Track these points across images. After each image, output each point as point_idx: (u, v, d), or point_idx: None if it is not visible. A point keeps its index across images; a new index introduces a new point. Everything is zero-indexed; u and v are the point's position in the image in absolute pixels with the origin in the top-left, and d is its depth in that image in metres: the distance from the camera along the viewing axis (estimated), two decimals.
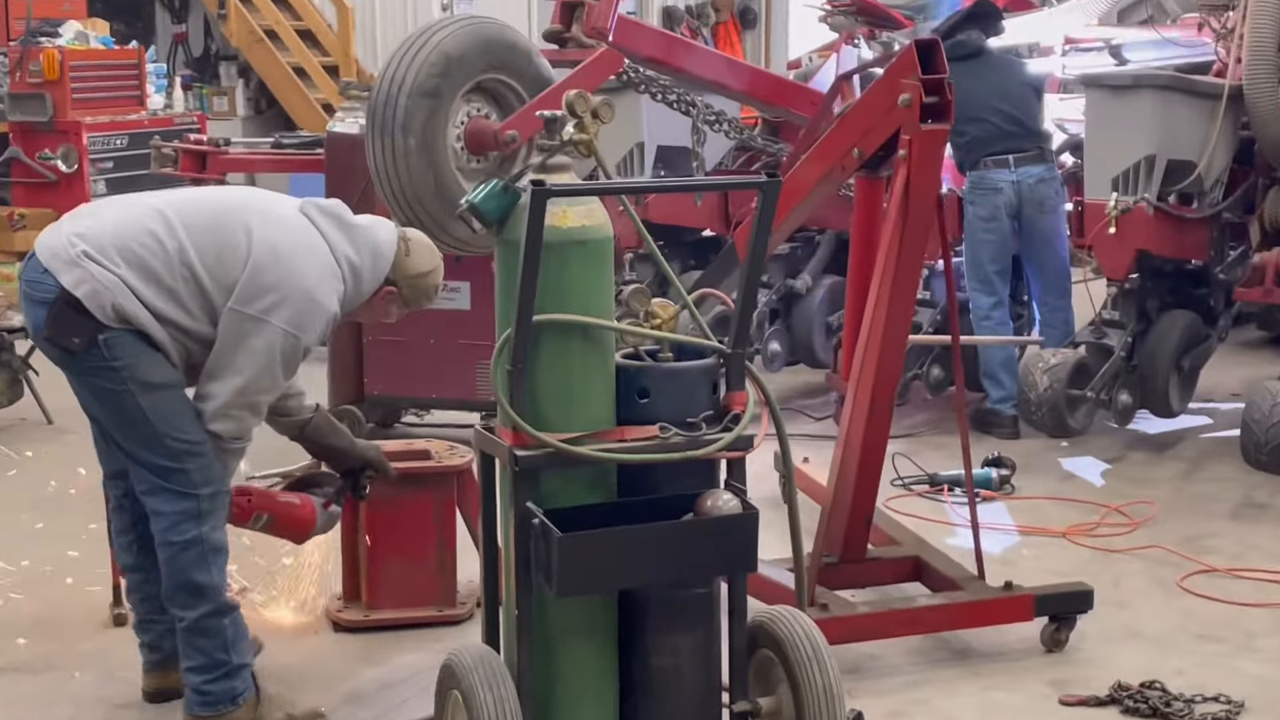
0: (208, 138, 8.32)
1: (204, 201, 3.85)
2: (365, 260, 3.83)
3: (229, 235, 3.70)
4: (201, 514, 3.72)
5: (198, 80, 12.79)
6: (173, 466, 3.69)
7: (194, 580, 3.75)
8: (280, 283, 3.67)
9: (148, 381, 3.67)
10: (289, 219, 3.79)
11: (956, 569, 4.60)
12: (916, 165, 4.15)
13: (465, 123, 5.62)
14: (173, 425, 3.68)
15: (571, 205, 3.30)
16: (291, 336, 3.69)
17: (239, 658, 3.84)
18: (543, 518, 3.23)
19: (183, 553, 3.73)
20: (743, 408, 3.41)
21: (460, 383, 6.40)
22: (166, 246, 3.67)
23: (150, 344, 3.67)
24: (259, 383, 3.70)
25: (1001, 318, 6.89)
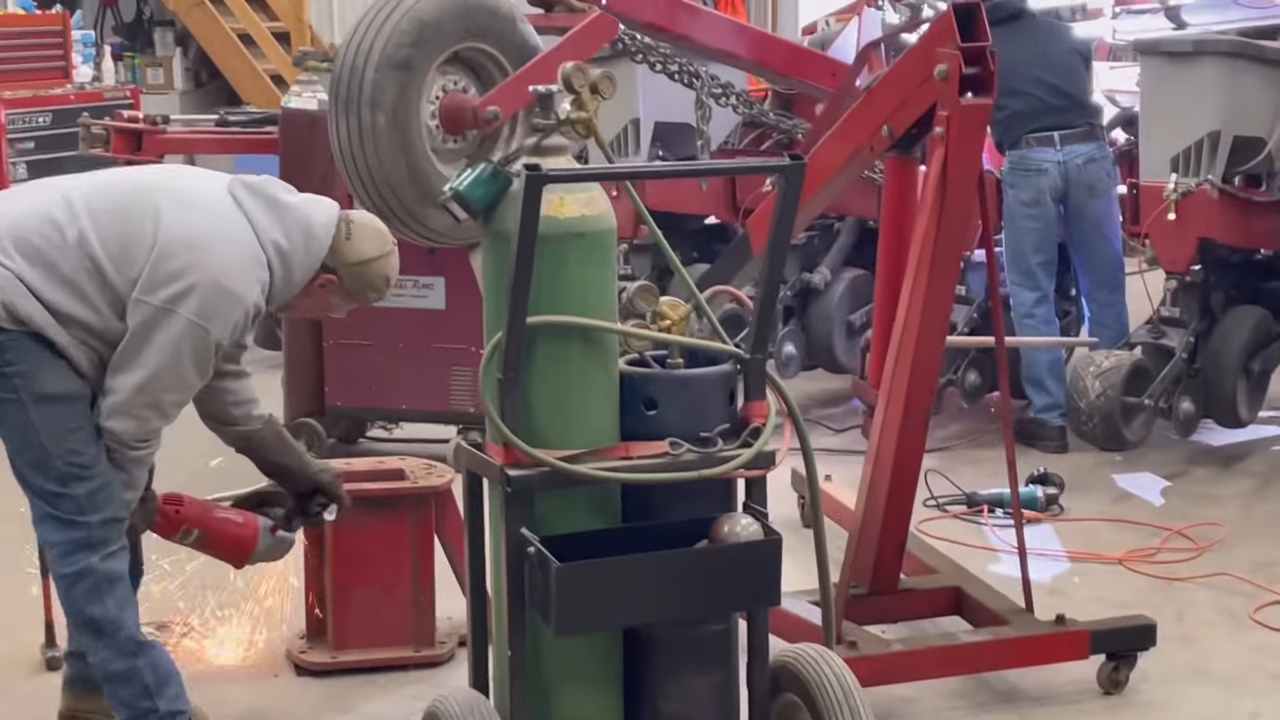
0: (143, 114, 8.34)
1: (115, 184, 3.87)
2: (296, 244, 3.83)
3: (135, 220, 3.72)
4: (92, 543, 3.73)
5: (129, 49, 12.79)
6: (59, 491, 3.71)
7: (89, 614, 3.76)
8: (187, 270, 3.67)
9: (41, 393, 3.70)
10: (208, 201, 3.80)
11: (1001, 601, 4.62)
12: (955, 144, 4.17)
13: (440, 98, 5.64)
14: (63, 445, 3.70)
15: (570, 193, 3.32)
16: (199, 328, 3.69)
17: (168, 704, 3.82)
18: (538, 546, 3.24)
19: (74, 585, 3.75)
20: (763, 420, 3.44)
21: (433, 392, 6.43)
22: (66, 235, 3.70)
23: (51, 350, 3.69)
24: (163, 379, 3.70)
25: (1046, 315, 6.92)
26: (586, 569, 3.23)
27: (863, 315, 7.43)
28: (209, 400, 4.03)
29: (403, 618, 4.63)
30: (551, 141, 3.41)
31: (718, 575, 3.34)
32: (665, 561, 3.31)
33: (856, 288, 7.51)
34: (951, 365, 7.01)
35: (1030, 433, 6.82)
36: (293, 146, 6.77)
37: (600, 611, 3.29)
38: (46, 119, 10.15)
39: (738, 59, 6.99)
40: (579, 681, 3.41)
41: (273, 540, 4.18)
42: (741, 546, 3.34)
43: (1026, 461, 6.29)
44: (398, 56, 5.37)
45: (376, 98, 5.38)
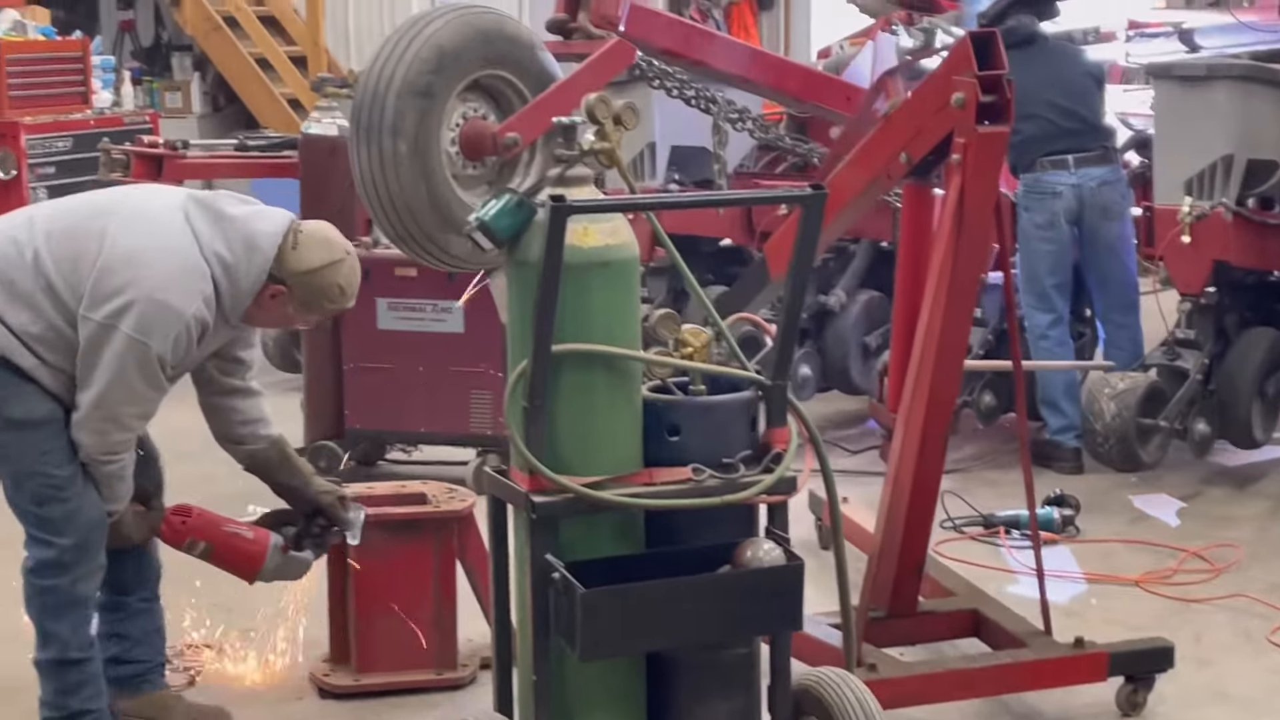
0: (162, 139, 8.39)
1: (75, 206, 4.04)
2: (239, 255, 3.91)
3: (84, 240, 3.85)
4: (64, 565, 3.93)
5: (148, 74, 12.88)
6: (36, 512, 3.90)
7: (44, 627, 3.99)
8: (126, 286, 3.78)
9: (10, 418, 3.86)
10: (154, 217, 3.90)
11: (1019, 623, 4.63)
12: (973, 171, 4.20)
13: (460, 124, 5.66)
14: (34, 468, 3.88)
15: (594, 222, 3.35)
16: (139, 343, 3.78)
17: (83, 704, 4.03)
18: (563, 571, 3.27)
19: (38, 596, 3.97)
20: (785, 445, 3.46)
21: (452, 415, 6.46)
22: (24, 255, 3.85)
23: (18, 374, 3.85)
24: (113, 393, 3.82)
25: (1061, 337, 6.94)
26: (611, 594, 3.25)
27: (878, 337, 7.46)
28: (217, 419, 4.17)
29: (425, 641, 4.64)
30: (575, 172, 3.44)
31: (740, 600, 3.36)
32: (689, 587, 3.33)
33: (871, 310, 7.54)
34: (967, 387, 7.03)
35: (1046, 454, 6.83)
36: (313, 172, 6.83)
37: (624, 636, 3.30)
38: (67, 144, 10.19)
39: (753, 84, 7.02)
40: (603, 706, 3.43)
41: (282, 559, 4.25)
42: (764, 572, 3.36)
43: (1042, 483, 6.28)
44: (419, 84, 5.38)
45: (398, 124, 5.39)
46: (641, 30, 6.40)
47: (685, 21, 7.85)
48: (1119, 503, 6.45)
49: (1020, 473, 4.65)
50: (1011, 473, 6.74)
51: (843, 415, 7.69)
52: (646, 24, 6.48)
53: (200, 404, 4.22)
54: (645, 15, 6.53)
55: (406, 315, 6.44)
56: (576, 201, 3.25)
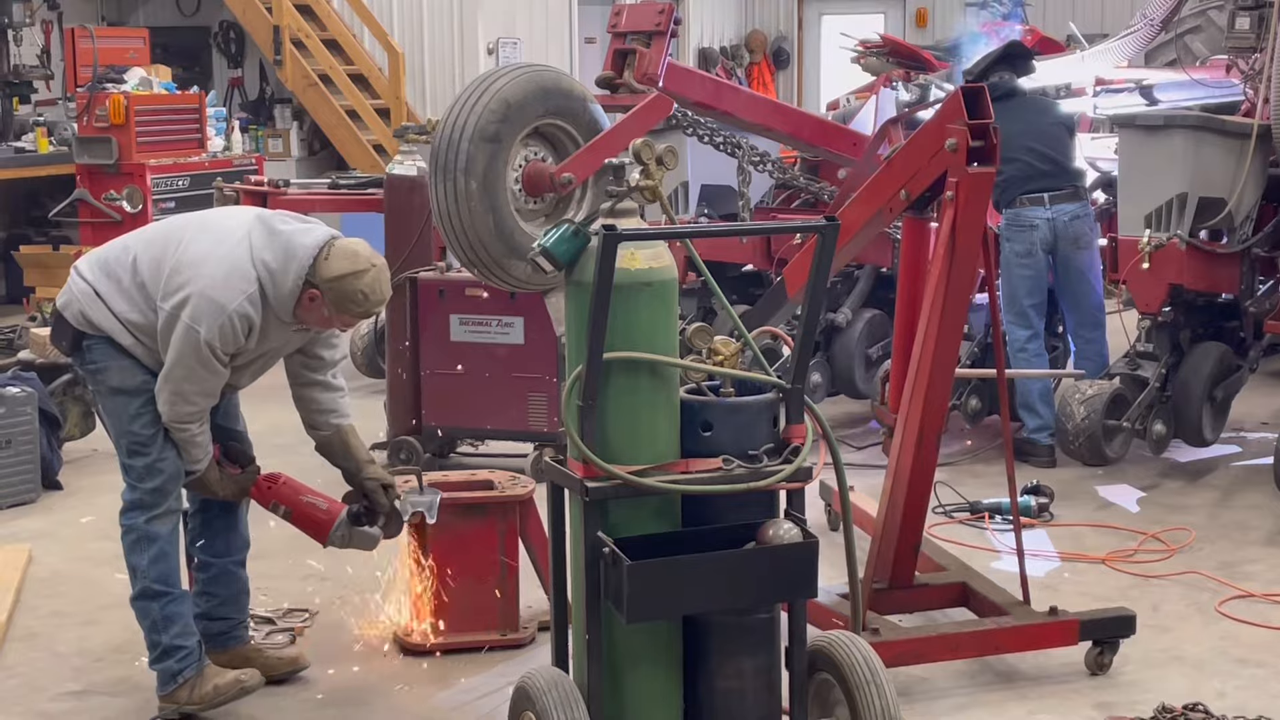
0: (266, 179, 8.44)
1: (173, 220, 4.30)
2: (280, 262, 4.04)
3: (168, 246, 4.08)
4: (143, 505, 4.11)
5: (254, 123, 12.97)
6: (127, 462, 4.12)
7: (130, 560, 4.14)
8: (187, 283, 3.98)
9: (110, 386, 4.10)
10: (220, 230, 4.10)
11: (1002, 594, 4.63)
12: (963, 207, 4.21)
13: (523, 165, 5.69)
14: (126, 427, 4.08)
15: (640, 249, 3.37)
16: (192, 330, 3.96)
17: (173, 639, 4.13)
18: (612, 546, 3.29)
19: (125, 535, 4.15)
20: (802, 440, 3.47)
21: (514, 414, 6.48)
22: (127, 257, 4.11)
23: (120, 350, 4.07)
24: (176, 370, 4.00)
25: (1037, 349, 6.92)
26: (653, 566, 3.27)
27: (879, 349, 7.45)
28: (301, 407, 4.33)
29: (492, 606, 4.67)
30: (623, 205, 3.47)
31: (763, 572, 3.38)
32: (719, 560, 3.36)
33: (874, 326, 7.53)
34: (956, 392, 7.02)
35: (1024, 450, 6.81)
36: (396, 207, 6.85)
37: (664, 602, 3.33)
38: (185, 182, 10.29)
39: (773, 131, 7.03)
40: (646, 662, 3.44)
41: (349, 530, 4.33)
42: (784, 548, 3.37)
43: (1021, 475, 6.24)
44: (488, 131, 5.42)
45: (470, 166, 5.43)
46: (678, 86, 6.42)
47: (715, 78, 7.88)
48: (1087, 492, 6.42)
49: (1002, 466, 4.65)
50: (994, 466, 6.74)
51: (849, 416, 7.69)
52: (682, 80, 6.49)
53: (291, 394, 4.34)
54: (681, 73, 6.54)
55: (475, 328, 6.47)
56: (626, 230, 3.28)
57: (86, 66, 10.40)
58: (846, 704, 3.46)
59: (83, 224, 10.20)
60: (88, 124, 10.08)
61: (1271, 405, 7.79)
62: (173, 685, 4.14)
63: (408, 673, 4.55)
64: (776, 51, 17.74)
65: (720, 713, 3.46)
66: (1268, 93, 6.35)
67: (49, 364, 6.98)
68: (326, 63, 12.57)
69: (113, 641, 4.79)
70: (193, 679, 4.14)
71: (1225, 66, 7.55)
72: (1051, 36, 10.77)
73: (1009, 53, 7.12)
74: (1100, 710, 4.23)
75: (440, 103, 12.37)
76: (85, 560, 5.63)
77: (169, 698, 4.16)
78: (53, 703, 4.37)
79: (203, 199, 9.42)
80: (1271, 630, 4.83)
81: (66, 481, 6.64)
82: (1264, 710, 4.18)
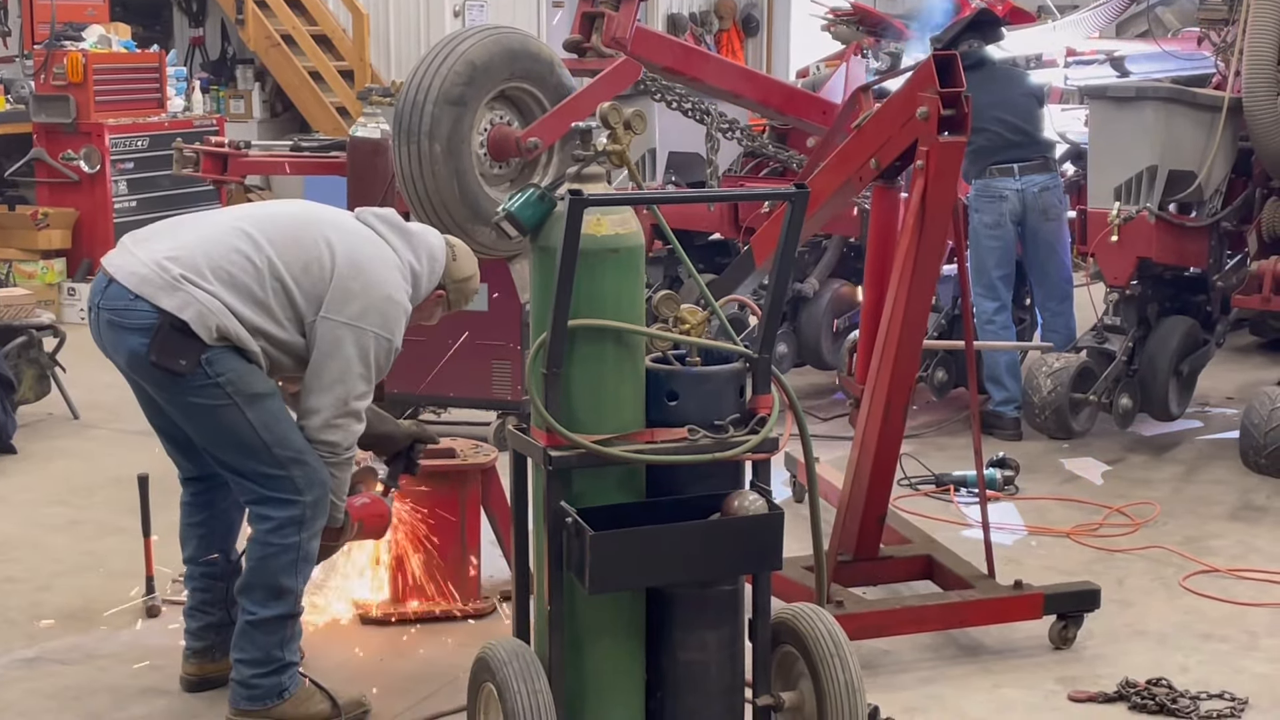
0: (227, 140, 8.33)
1: (280, 217, 3.89)
2: (424, 266, 3.93)
3: (311, 248, 3.79)
4: (304, 520, 3.79)
5: (215, 83, 12.80)
6: (279, 474, 3.75)
7: (280, 583, 3.81)
8: (365, 289, 3.77)
9: (253, 393, 3.73)
10: (358, 229, 3.88)
11: (967, 568, 4.63)
12: (934, 176, 4.18)
13: (489, 129, 5.65)
14: (277, 435, 3.74)
15: (606, 214, 3.34)
16: (384, 340, 3.78)
17: (290, 655, 3.90)
18: (575, 516, 3.26)
19: (278, 556, 3.79)
20: (768, 411, 3.45)
21: (477, 382, 6.44)
22: (255, 262, 3.74)
23: (246, 358, 3.74)
24: (357, 388, 3.77)
25: (1005, 322, 6.92)
26: (617, 537, 3.25)
27: (845, 320, 7.44)
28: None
29: (453, 577, 4.64)
30: (590, 170, 3.42)
31: (728, 543, 3.36)
32: (684, 531, 3.33)
33: (840, 296, 7.51)
34: (923, 364, 7.01)
35: (990, 423, 6.82)
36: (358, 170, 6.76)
37: (628, 573, 3.30)
38: (144, 143, 10.17)
39: (742, 98, 6.99)
40: (608, 633, 3.42)
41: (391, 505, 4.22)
42: (749, 519, 3.35)
43: (987, 448, 6.21)
44: (453, 94, 5.38)
45: (434, 129, 5.39)
46: (646, 50, 6.37)
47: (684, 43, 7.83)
48: (1053, 465, 6.44)
49: (968, 438, 4.65)
50: (960, 438, 6.74)
51: (814, 387, 7.68)
52: (651, 45, 6.44)
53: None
54: (649, 37, 6.49)
55: None
56: (593, 195, 3.24)
57: (44, 23, 10.24)
58: (810, 677, 3.45)
59: (39, 184, 10.07)
60: (45, 82, 9.93)
61: (1236, 380, 7.83)
62: (275, 701, 3.86)
63: (366, 643, 4.51)
64: (746, 18, 17.66)
65: (683, 685, 3.44)
66: (1239, 65, 6.35)
67: (2, 325, 6.89)
68: (289, 23, 12.43)
69: (66, 608, 4.73)
70: (297, 695, 3.90)
71: (1197, 39, 7.54)
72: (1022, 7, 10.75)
73: (978, 20, 7.09)
74: (1064, 684, 4.24)
75: (405, 65, 12.25)
76: (38, 526, 5.57)
77: (264, 713, 3.86)
78: (4, 670, 4.32)
79: (162, 160, 9.31)
80: (1235, 605, 4.85)
81: (21, 446, 6.56)
82: (1227, 685, 4.20)
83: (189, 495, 4.10)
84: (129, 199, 10.07)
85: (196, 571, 4.11)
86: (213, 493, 4.07)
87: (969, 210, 6.87)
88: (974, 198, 6.87)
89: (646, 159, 7.70)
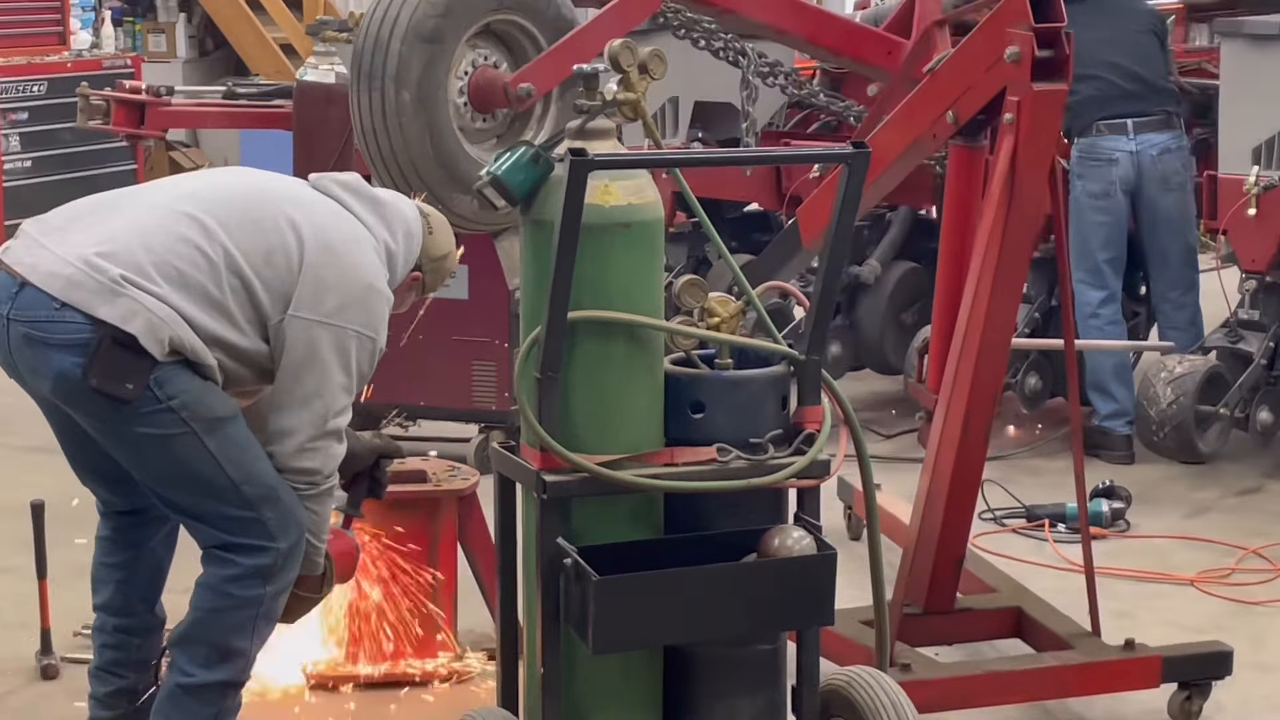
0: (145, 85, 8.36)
1: (230, 194, 3.83)
2: (400, 244, 3.91)
3: (273, 231, 3.73)
4: (274, 571, 3.74)
5: (130, 14, 12.84)
6: (247, 517, 3.71)
7: (231, 643, 3.77)
8: (342, 279, 3.72)
9: (213, 417, 3.69)
10: (323, 204, 3.84)
11: (1065, 623, 4.63)
12: (1026, 133, 4.18)
13: (470, 73, 5.66)
14: (244, 468, 3.70)
15: (616, 180, 3.34)
16: (367, 339, 3.73)
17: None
18: (576, 557, 3.27)
19: (235, 610, 3.75)
20: (818, 426, 3.46)
21: (454, 387, 6.47)
22: (209, 254, 3.68)
23: (202, 375, 3.69)
24: (338, 401, 3.73)
25: (1112, 315, 6.91)
26: (627, 582, 3.25)
27: (914, 312, 7.43)
28: None
29: (423, 630, 4.64)
30: (596, 124, 3.43)
31: (766, 591, 3.37)
32: (711, 576, 3.34)
33: (908, 282, 7.50)
34: (1011, 368, 7.00)
35: (1094, 442, 6.80)
36: (307, 123, 6.79)
37: (640, 628, 3.31)
38: (42, 88, 10.21)
39: (787, 35, 6.97)
40: (616, 703, 3.43)
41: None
42: (793, 561, 3.36)
43: (1091, 473, 6.21)
44: (425, 28, 5.38)
45: (401, 72, 5.40)
46: None
47: None
48: (1173, 496, 6.43)
49: (1067, 461, 4.64)
50: (1057, 461, 6.74)
51: (876, 396, 7.68)
52: None
53: None
54: None
55: None
56: (599, 156, 3.24)
57: None
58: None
59: None
60: None
61: None
62: None
63: (315, 714, 4.51)
64: None
65: None
66: None
67: None
68: None
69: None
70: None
71: None
72: None
73: None
74: None
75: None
76: None
77: None
78: None
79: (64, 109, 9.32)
80: None
81: None
82: None
83: (109, 529, 4.07)
84: (21, 158, 10.10)
85: (110, 624, 4.08)
86: (141, 529, 4.04)
87: (1071, 176, 6.85)
88: (1077, 161, 6.85)
89: (667, 109, 7.71)
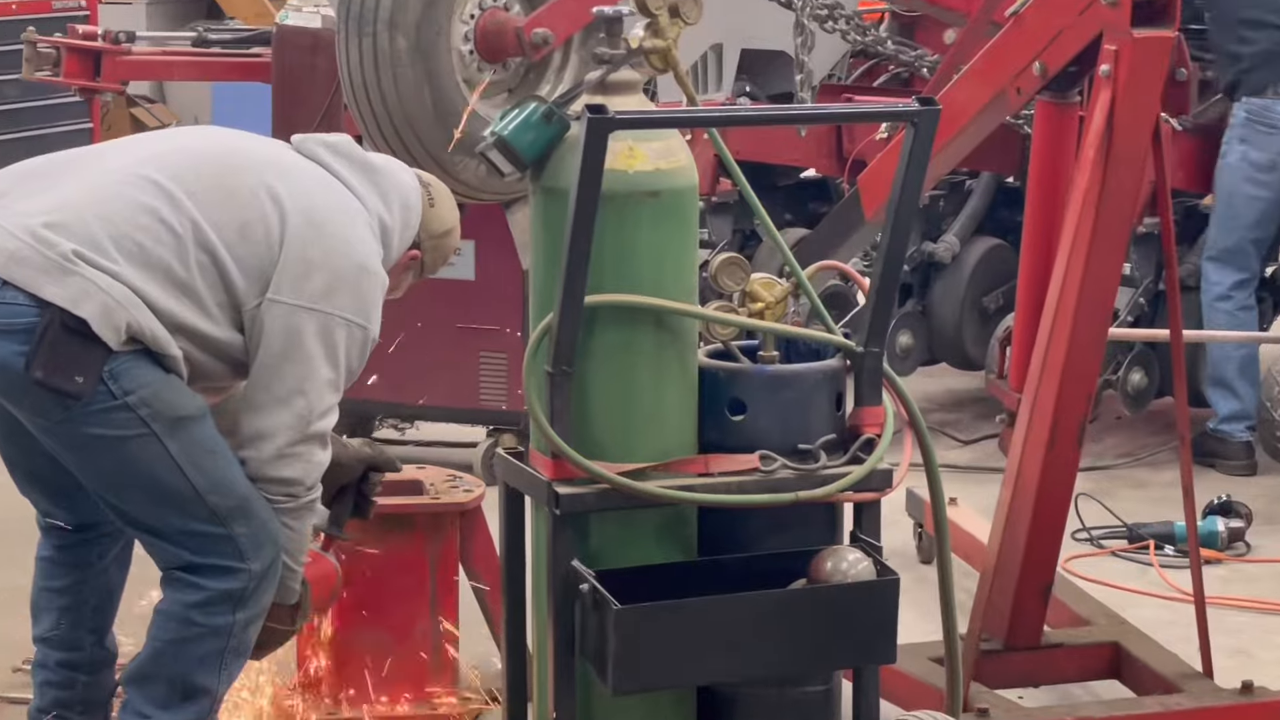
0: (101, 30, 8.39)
1: (201, 158, 3.85)
2: (396, 217, 3.91)
3: (250, 202, 3.74)
4: (245, 596, 3.76)
5: None
6: (214, 533, 3.72)
7: (195, 680, 3.79)
8: (329, 258, 3.73)
9: (176, 416, 3.69)
10: (308, 169, 3.85)
11: (1172, 662, 4.63)
12: (1126, 86, 4.19)
13: (476, 17, 5.67)
14: (212, 476, 3.72)
15: (642, 141, 3.35)
16: (358, 328, 3.75)
17: None
18: (594, 582, 3.28)
19: (200, 641, 3.77)
20: (878, 430, 3.46)
21: (458, 383, 6.49)
22: (174, 226, 3.69)
23: (164, 368, 3.70)
24: (323, 400, 3.74)
25: (1244, 301, 6.88)
26: (653, 612, 3.27)
27: (999, 297, 7.43)
28: None
29: (418, 665, 4.66)
30: (620, 77, 3.45)
31: (817, 623, 3.38)
32: (751, 604, 3.35)
33: (991, 262, 7.50)
34: (1111, 362, 6.98)
35: (1210, 449, 6.81)
36: (289, 74, 6.82)
37: (668, 665, 3.32)
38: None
39: None
40: None
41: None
42: (848, 588, 3.37)
43: (1205, 486, 6.25)
44: None
45: (396, 16, 5.42)
46: None
47: None
48: None
49: (1176, 473, 4.64)
50: (1160, 472, 6.74)
51: (952, 395, 7.70)
52: None
53: None
54: None
55: None
56: (622, 113, 3.25)
57: None
58: None
59: None
60: None
61: None
62: None
63: None
64: None
65: None
66: None
67: None
68: None
69: None
70: None
71: None
72: None
73: None
74: None
75: None
76: None
77: None
78: None
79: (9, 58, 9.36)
80: None
81: None
82: None
83: (51, 548, 4.08)
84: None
85: (53, 658, 4.10)
86: (89, 547, 4.05)
87: (1228, 141, 6.82)
88: (1242, 124, 6.81)
89: (709, 59, 7.73)
